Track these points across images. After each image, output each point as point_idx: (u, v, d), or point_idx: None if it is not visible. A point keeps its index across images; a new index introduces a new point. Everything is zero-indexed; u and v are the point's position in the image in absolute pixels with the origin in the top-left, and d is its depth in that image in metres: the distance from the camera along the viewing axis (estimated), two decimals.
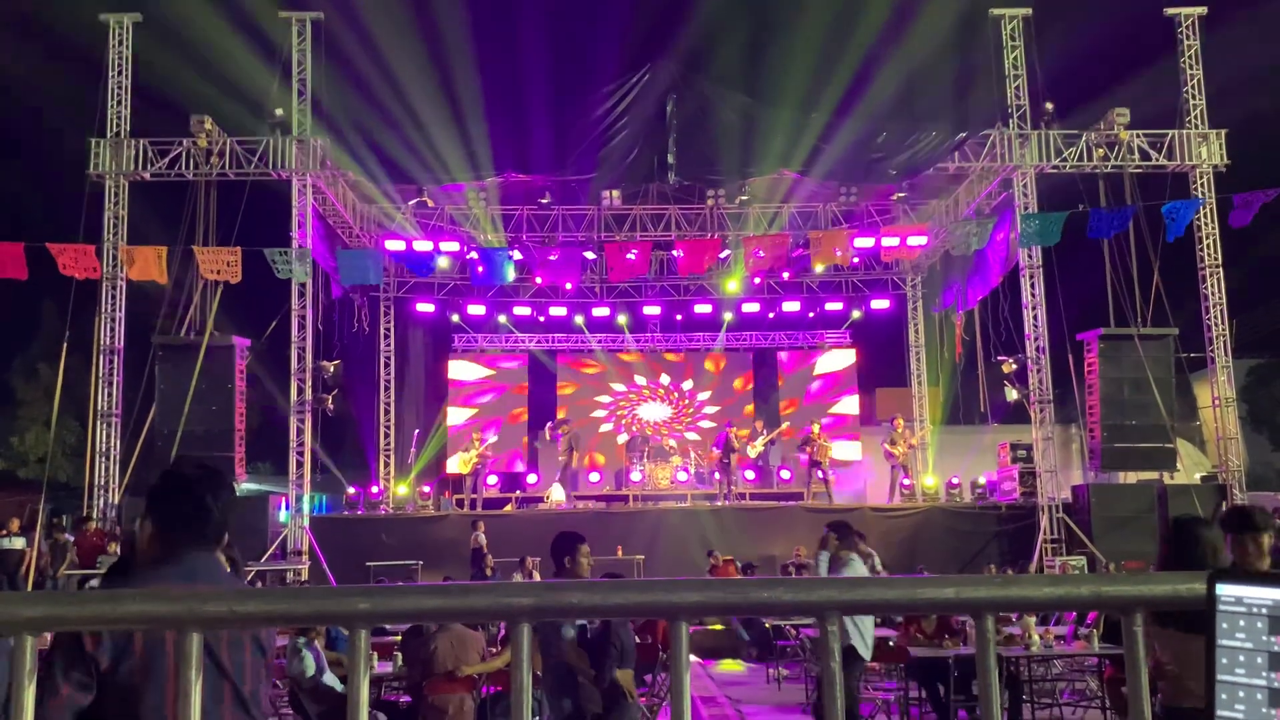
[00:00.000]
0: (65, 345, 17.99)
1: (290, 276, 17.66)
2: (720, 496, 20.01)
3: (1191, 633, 4.06)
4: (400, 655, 8.42)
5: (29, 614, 1.57)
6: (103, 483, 17.56)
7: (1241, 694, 1.25)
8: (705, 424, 25.55)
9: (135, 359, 18.15)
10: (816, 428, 20.13)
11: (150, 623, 1.76)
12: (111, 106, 18.04)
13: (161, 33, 18.39)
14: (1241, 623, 1.26)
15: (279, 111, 18.13)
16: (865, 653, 7.97)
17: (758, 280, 23.00)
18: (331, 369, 19.05)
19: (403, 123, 17.83)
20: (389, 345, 24.16)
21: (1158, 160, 18.64)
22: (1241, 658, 1.25)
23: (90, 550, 15.79)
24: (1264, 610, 1.25)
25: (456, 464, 20.64)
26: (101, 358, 17.84)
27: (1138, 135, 18.61)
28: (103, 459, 17.67)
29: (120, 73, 18.11)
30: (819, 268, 22.79)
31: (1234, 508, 4.95)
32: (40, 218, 21.74)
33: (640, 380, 25.97)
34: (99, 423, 17.77)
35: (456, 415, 25.17)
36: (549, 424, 22.01)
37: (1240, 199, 17.46)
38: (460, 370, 25.76)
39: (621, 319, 25.24)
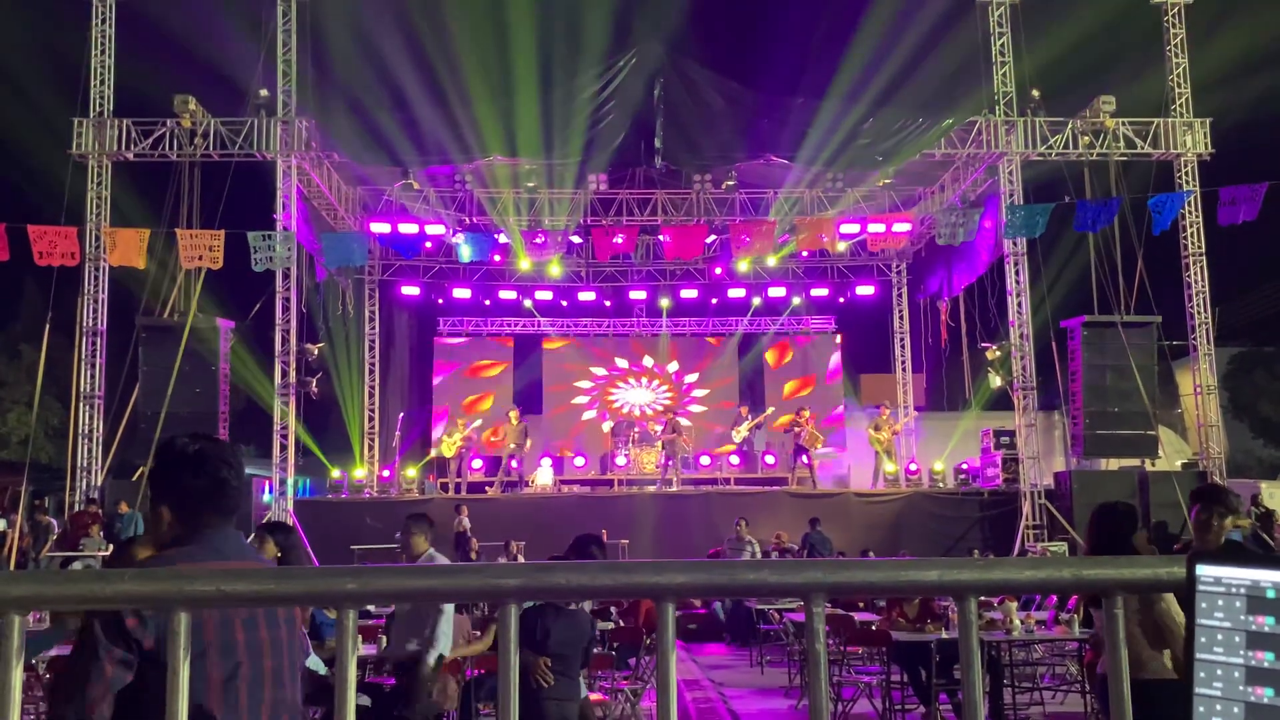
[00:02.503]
0: (48, 326, 17.89)
1: (269, 268, 17.54)
2: (660, 483, 19.87)
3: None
4: (385, 638, 8.43)
5: (16, 593, 1.58)
6: (85, 464, 17.49)
7: (1220, 672, 1.27)
8: (695, 409, 25.60)
9: (118, 340, 18.05)
10: (805, 413, 20.18)
11: (138, 602, 1.76)
12: (95, 85, 17.89)
13: (146, 10, 18.24)
14: (1220, 602, 1.29)
15: (264, 92, 18.02)
16: (444, 648, 7.01)
17: (743, 267, 22.98)
18: (316, 351, 19.00)
19: (390, 104, 17.74)
20: (374, 328, 24.09)
21: (1143, 148, 18.71)
22: (1220, 636, 1.28)
23: (79, 532, 15.77)
24: (1242, 590, 1.28)
25: (442, 447, 20.62)
26: (84, 339, 17.74)
27: (1123, 123, 18.68)
28: (85, 440, 17.59)
29: (103, 51, 17.95)
30: (804, 252, 22.81)
31: (1212, 486, 5.28)
32: (22, 197, 21.57)
33: (623, 364, 25.98)
34: (81, 404, 17.68)
35: (441, 398, 25.14)
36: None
37: (1227, 194, 17.48)
38: (445, 353, 25.72)
39: (607, 303, 25.24)
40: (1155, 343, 18.64)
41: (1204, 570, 1.31)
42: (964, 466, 20.42)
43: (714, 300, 25.26)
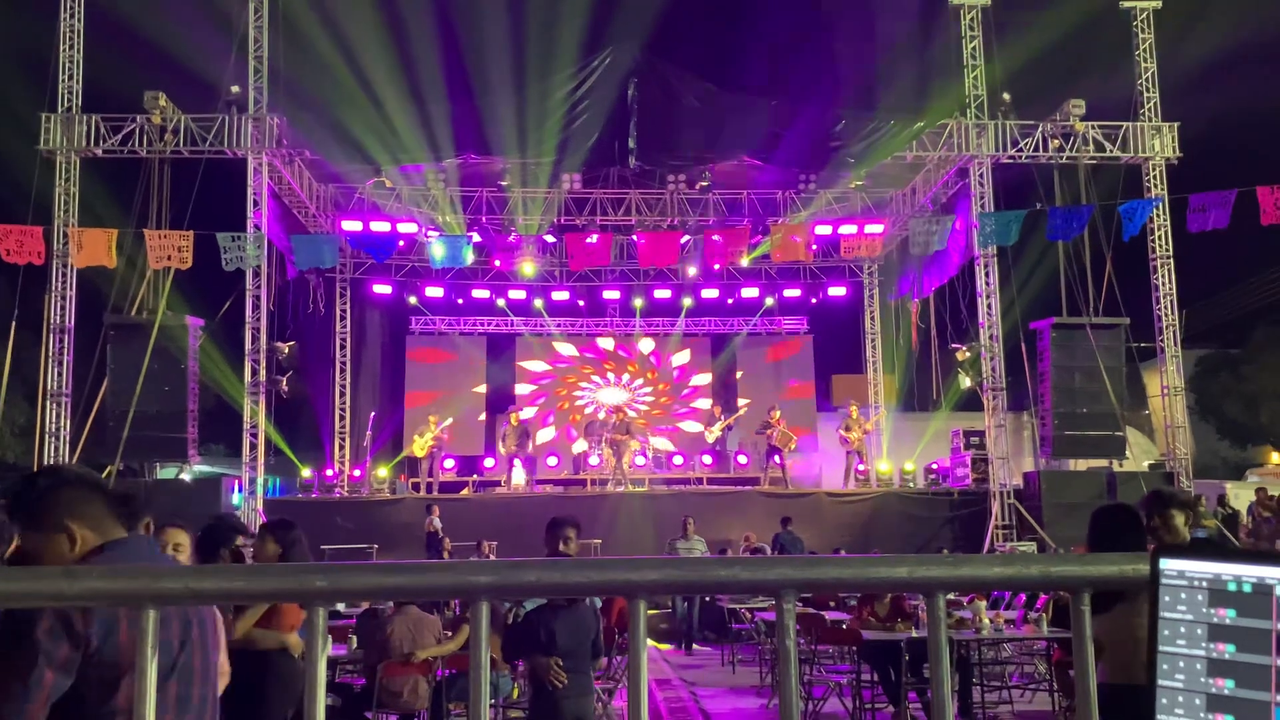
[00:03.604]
0: (14, 323, 17.67)
1: (238, 267, 17.41)
2: (612, 483, 19.87)
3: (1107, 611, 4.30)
4: (355, 638, 8.40)
5: None
6: (52, 463, 17.29)
7: (1182, 664, 1.29)
8: (699, 404, 25.65)
9: (86, 338, 17.86)
10: (776, 414, 20.23)
11: (108, 600, 1.75)
12: (63, 80, 17.70)
13: (115, 5, 18.05)
14: (1183, 595, 1.31)
15: (235, 89, 17.89)
16: None
17: (716, 266, 23.02)
18: (286, 350, 18.86)
19: (362, 102, 17.64)
20: (345, 327, 23.97)
21: (1112, 152, 18.90)
22: (1182, 629, 1.30)
23: None
24: (1204, 583, 1.30)
25: (413, 447, 20.54)
26: (51, 336, 17.56)
27: (1092, 127, 18.85)
28: (52, 439, 17.40)
29: (72, 46, 17.76)
30: (775, 252, 22.88)
31: (1151, 492, 5.20)
32: None
33: (596, 362, 25.98)
34: (48, 402, 17.49)
35: (413, 398, 25.04)
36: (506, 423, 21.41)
37: (1197, 200, 17.66)
38: (417, 352, 25.61)
39: (581, 303, 25.24)
40: (1123, 345, 18.83)
41: (1167, 564, 1.33)
42: (934, 466, 20.56)
43: (687, 301, 25.30)
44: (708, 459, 22.09)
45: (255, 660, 5.32)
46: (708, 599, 14.52)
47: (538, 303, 24.97)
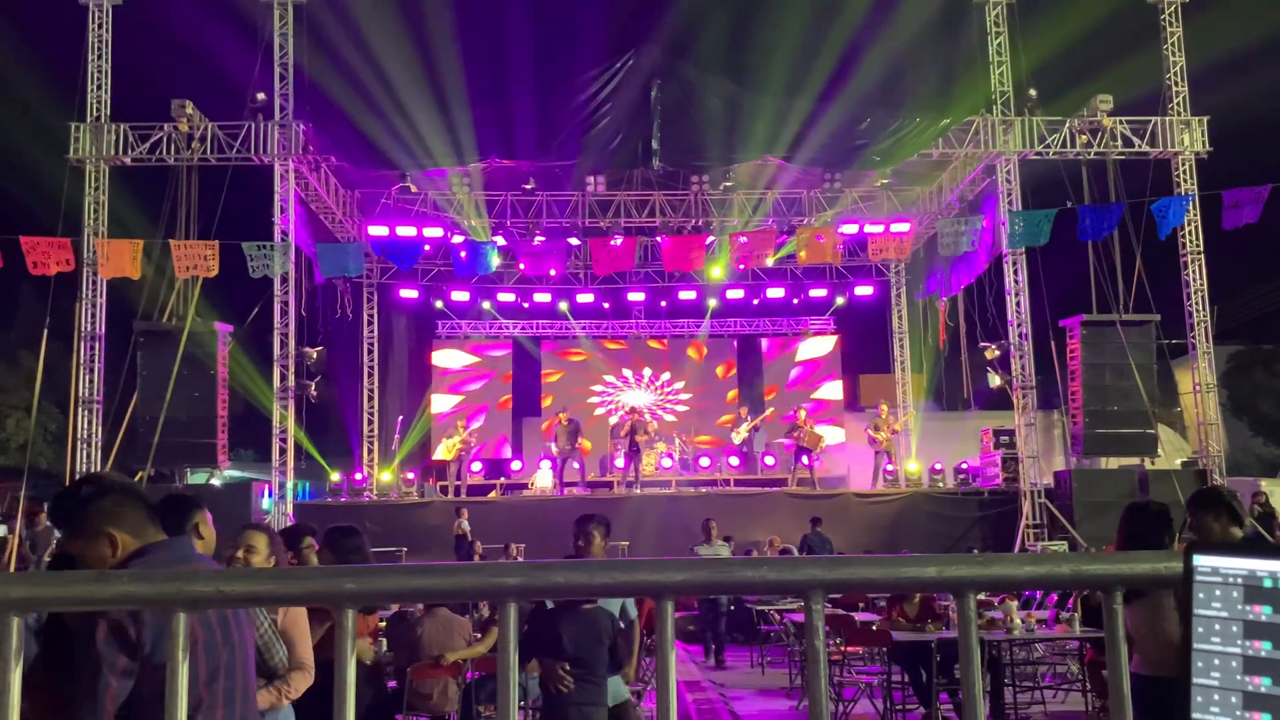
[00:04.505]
0: (45, 331, 17.87)
1: (265, 274, 17.53)
2: (625, 484, 19.74)
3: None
4: (385, 640, 8.43)
5: (17, 594, 1.57)
6: (84, 470, 17.47)
7: (1217, 662, 1.28)
8: (725, 405, 25.61)
9: (116, 345, 18.03)
10: (803, 414, 20.17)
11: (139, 603, 1.76)
12: (91, 90, 17.89)
13: (142, 15, 18.24)
14: (1217, 592, 1.29)
15: (261, 96, 18.03)
16: None
17: (741, 267, 22.98)
18: (315, 355, 18.97)
19: (387, 108, 17.71)
20: (372, 331, 24.09)
21: (1140, 147, 18.72)
22: (1217, 626, 1.28)
23: None
24: (1239, 580, 1.28)
25: (441, 450, 20.61)
26: (82, 344, 17.73)
27: (1120, 122, 18.69)
28: (84, 446, 17.58)
29: (100, 56, 17.95)
30: (802, 254, 22.83)
31: (1204, 488, 5.09)
32: (19, 203, 21.57)
33: (597, 352, 25.98)
34: (80, 409, 17.66)
35: (440, 402, 25.14)
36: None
37: (1230, 197, 17.44)
38: (444, 356, 25.72)
39: (606, 305, 25.26)
40: (1154, 341, 18.63)
41: (1201, 561, 1.31)
42: (964, 466, 20.42)
43: (713, 302, 25.27)
44: (735, 460, 22.05)
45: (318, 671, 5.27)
46: (734, 604, 14.46)
47: (562, 306, 25.01)
